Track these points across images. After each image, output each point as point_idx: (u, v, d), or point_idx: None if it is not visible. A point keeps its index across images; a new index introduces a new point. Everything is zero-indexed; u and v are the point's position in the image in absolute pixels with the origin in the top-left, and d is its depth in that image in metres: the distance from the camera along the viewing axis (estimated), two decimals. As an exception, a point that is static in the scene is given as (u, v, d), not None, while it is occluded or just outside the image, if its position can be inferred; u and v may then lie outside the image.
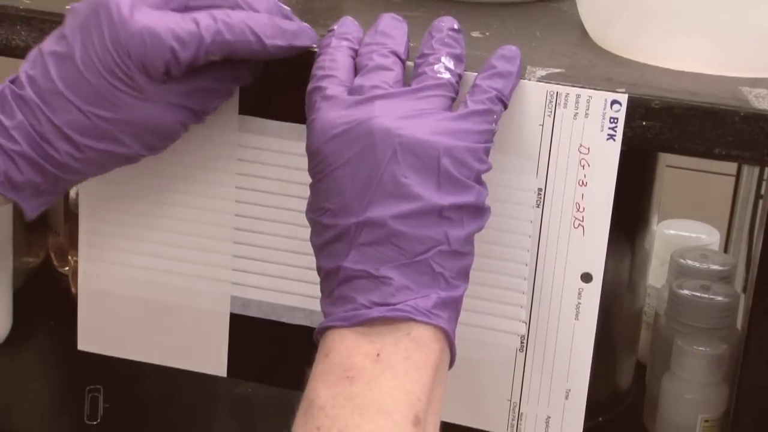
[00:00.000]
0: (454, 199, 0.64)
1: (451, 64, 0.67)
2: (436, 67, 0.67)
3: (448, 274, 0.64)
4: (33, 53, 0.70)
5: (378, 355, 0.62)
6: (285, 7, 0.72)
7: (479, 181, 0.65)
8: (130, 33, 0.67)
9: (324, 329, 0.64)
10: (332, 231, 0.64)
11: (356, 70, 0.68)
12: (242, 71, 0.72)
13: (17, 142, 0.69)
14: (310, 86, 0.68)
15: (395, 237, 0.63)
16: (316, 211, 0.65)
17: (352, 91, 0.66)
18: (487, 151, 0.65)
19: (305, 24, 0.72)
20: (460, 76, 0.68)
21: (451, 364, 0.65)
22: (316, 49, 0.71)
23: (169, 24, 0.68)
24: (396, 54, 0.69)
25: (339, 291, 0.64)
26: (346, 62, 0.69)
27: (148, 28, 0.67)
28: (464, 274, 0.65)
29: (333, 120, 0.64)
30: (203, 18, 0.68)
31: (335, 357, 0.63)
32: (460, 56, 0.69)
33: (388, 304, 0.63)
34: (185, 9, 0.69)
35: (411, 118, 0.64)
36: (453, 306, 0.64)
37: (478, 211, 0.65)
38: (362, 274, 0.63)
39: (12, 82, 0.70)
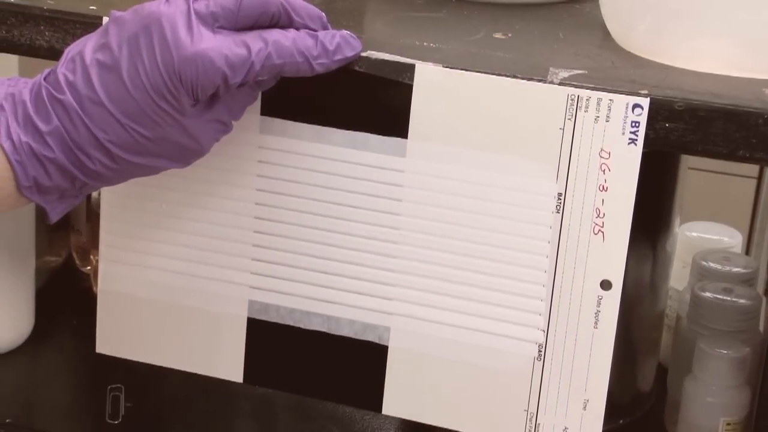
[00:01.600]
0: None
1: None
2: None
3: None
4: (70, 55, 0.70)
5: None
6: (323, 14, 0.71)
7: None
8: (183, 57, 0.67)
9: None
10: None
11: None
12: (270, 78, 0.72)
13: (51, 149, 0.69)
14: None
15: None
16: None
17: None
18: None
19: (346, 32, 0.71)
20: None
21: None
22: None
23: (222, 49, 0.67)
24: None
25: None
26: None
27: (202, 54, 0.67)
28: None
29: None
30: (254, 41, 0.68)
31: None
32: None
33: None
34: (236, 24, 0.69)
35: None
36: None
37: None
38: None
39: (45, 80, 0.69)
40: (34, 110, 0.68)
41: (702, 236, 1.01)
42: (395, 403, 0.77)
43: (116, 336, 0.82)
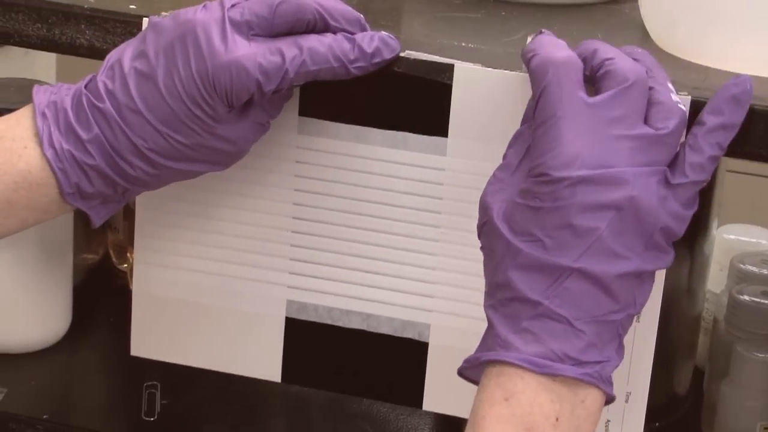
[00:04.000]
0: (654, 264, 0.63)
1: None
2: (673, 97, 0.65)
3: (621, 340, 0.63)
4: (110, 62, 0.70)
5: (557, 420, 0.61)
6: (361, 15, 0.71)
7: (672, 246, 0.65)
8: (218, 65, 0.67)
9: (502, 362, 0.62)
10: (537, 261, 0.62)
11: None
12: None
13: (92, 156, 0.69)
14: None
15: (599, 293, 0.62)
16: (519, 226, 0.63)
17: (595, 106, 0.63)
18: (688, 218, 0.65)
19: (384, 33, 0.71)
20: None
21: None
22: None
23: (256, 57, 0.68)
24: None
25: (530, 325, 0.62)
26: None
27: (236, 62, 0.67)
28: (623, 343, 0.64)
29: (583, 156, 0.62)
30: (289, 49, 0.68)
31: (517, 408, 0.61)
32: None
33: (578, 361, 0.62)
34: (270, 31, 0.69)
35: (643, 177, 0.62)
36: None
37: (653, 276, 0.65)
38: (561, 320, 0.62)
39: (86, 87, 0.70)
40: (75, 118, 0.69)
41: (740, 239, 1.00)
42: (435, 399, 0.77)
43: (152, 338, 0.82)
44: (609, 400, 0.64)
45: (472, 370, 0.65)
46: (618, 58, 0.65)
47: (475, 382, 0.65)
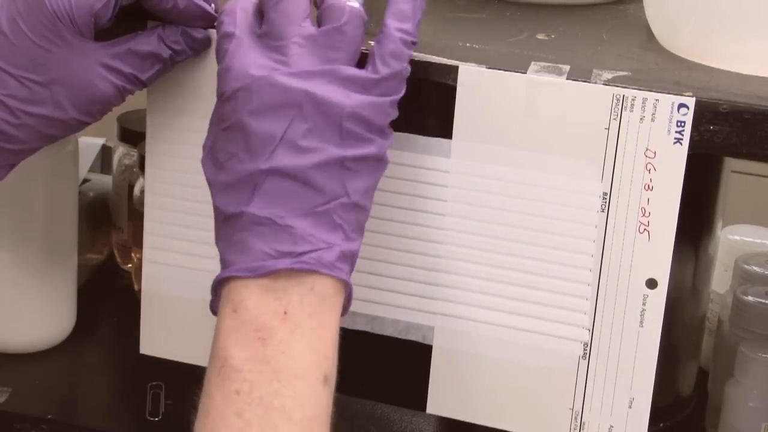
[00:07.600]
0: (355, 150, 0.65)
1: None
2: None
3: (347, 227, 0.65)
4: None
5: (285, 313, 0.64)
6: None
7: (383, 133, 0.66)
8: None
9: (226, 279, 0.65)
10: (235, 175, 0.65)
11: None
12: (179, 40, 0.73)
13: None
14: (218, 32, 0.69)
15: (299, 187, 0.64)
16: (219, 151, 0.66)
17: (262, 35, 0.67)
18: (394, 103, 0.67)
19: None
20: None
21: (345, 311, 0.67)
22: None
23: None
24: None
25: (240, 236, 0.65)
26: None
27: None
28: (360, 229, 0.66)
29: (245, 69, 0.65)
30: None
31: (244, 314, 0.64)
32: None
33: (292, 254, 0.64)
34: None
35: (319, 76, 0.65)
36: (351, 259, 0.66)
37: (379, 163, 0.66)
38: (266, 221, 0.64)
39: None
40: None
41: (744, 239, 1.00)
42: (439, 402, 0.77)
43: (160, 337, 0.82)
44: (344, 284, 0.66)
45: (215, 303, 0.67)
46: None
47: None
